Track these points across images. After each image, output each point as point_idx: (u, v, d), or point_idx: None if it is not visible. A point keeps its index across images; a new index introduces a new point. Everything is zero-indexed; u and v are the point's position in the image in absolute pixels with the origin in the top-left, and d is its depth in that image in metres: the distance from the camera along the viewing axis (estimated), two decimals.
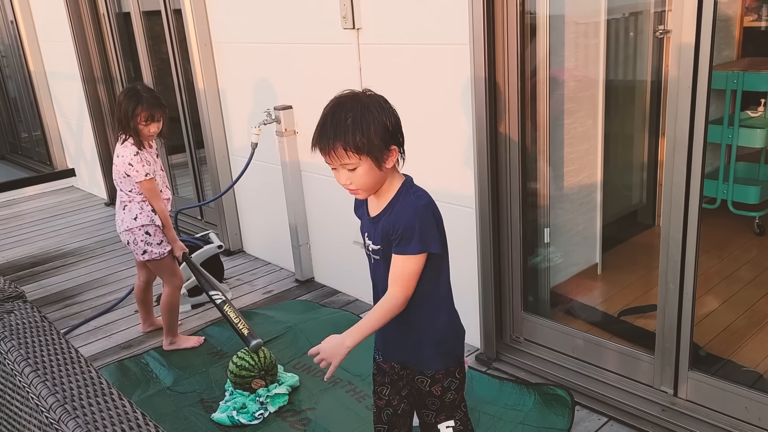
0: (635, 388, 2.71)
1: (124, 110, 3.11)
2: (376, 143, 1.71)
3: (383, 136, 1.73)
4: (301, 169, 3.96)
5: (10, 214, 6.17)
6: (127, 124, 3.11)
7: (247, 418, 2.80)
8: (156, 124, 3.16)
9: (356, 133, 1.70)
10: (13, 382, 1.62)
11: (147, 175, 3.14)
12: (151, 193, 3.17)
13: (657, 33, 3.76)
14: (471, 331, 3.21)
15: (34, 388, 1.47)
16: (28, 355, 1.60)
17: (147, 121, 3.11)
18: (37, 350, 1.64)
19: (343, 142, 1.71)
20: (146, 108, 3.10)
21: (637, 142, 4.04)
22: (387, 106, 1.78)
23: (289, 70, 3.79)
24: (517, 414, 2.69)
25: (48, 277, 4.58)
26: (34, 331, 1.73)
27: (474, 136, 2.88)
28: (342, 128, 1.71)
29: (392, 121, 1.77)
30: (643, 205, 4.16)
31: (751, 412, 2.40)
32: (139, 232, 3.20)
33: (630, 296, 3.40)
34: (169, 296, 3.35)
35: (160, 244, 3.24)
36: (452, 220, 3.14)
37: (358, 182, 1.78)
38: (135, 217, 3.19)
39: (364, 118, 1.71)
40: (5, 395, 1.70)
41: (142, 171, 3.13)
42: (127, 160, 3.12)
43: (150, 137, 3.19)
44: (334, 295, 3.98)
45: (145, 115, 3.10)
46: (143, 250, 3.22)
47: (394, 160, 1.79)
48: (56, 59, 6.42)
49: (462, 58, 2.83)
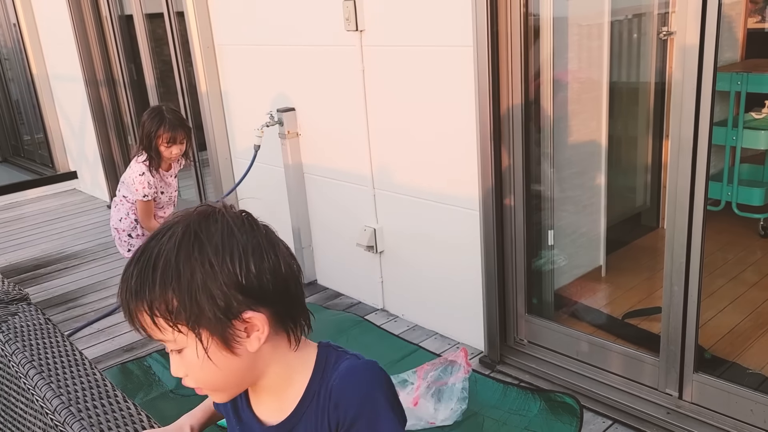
0: (640, 390, 2.70)
1: (147, 130, 3.10)
2: (207, 308, 0.96)
3: (227, 295, 0.97)
4: (304, 172, 3.96)
5: (13, 216, 6.17)
6: (149, 144, 3.11)
7: None
8: (178, 146, 3.14)
9: (168, 288, 0.96)
10: (18, 384, 1.61)
11: (145, 197, 3.14)
12: (142, 213, 3.17)
13: (660, 35, 3.76)
14: (475, 333, 3.21)
15: (39, 391, 1.47)
16: (32, 358, 1.59)
17: (169, 143, 3.11)
18: (42, 352, 1.63)
19: (147, 302, 0.98)
20: (168, 129, 3.08)
21: (641, 144, 4.03)
22: (248, 241, 1.01)
23: (292, 73, 3.79)
24: (521, 419, 2.68)
25: (50, 279, 4.58)
26: (38, 333, 1.73)
27: (477, 138, 2.87)
28: (150, 278, 0.97)
29: (257, 267, 0.99)
30: (647, 208, 4.15)
31: (756, 414, 2.39)
32: (122, 232, 3.26)
33: (634, 299, 3.39)
34: None
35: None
36: (456, 222, 3.15)
37: (195, 375, 1.04)
38: (120, 219, 3.25)
39: (188, 263, 0.96)
40: (10, 397, 1.70)
41: (141, 192, 3.13)
42: (133, 176, 3.14)
43: (171, 160, 3.18)
44: (337, 297, 3.97)
45: (166, 137, 3.09)
46: (127, 249, 3.28)
47: (261, 335, 1.01)
48: (59, 62, 6.42)
49: (465, 60, 2.82)
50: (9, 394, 1.71)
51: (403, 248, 3.50)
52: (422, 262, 3.41)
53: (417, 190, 3.30)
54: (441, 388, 2.76)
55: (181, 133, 3.12)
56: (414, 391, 2.75)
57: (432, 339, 3.40)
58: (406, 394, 2.76)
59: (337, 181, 3.76)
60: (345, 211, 3.77)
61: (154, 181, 3.16)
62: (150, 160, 3.13)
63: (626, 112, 3.91)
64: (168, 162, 3.20)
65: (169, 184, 3.28)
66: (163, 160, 3.17)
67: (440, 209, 3.20)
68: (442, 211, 3.20)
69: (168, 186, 3.27)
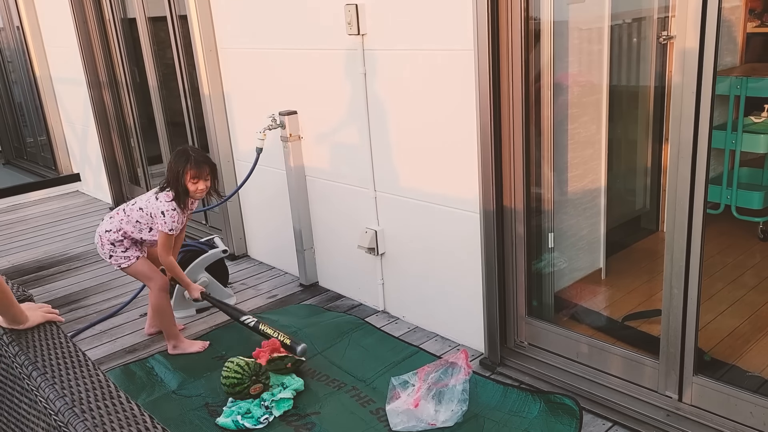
0: (640, 393, 2.71)
1: (174, 170, 3.22)
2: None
3: None
4: (306, 174, 3.97)
5: (16, 218, 6.19)
6: (176, 182, 3.21)
7: (252, 422, 2.81)
8: (204, 182, 3.23)
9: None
10: (22, 385, 1.63)
11: (171, 231, 3.24)
12: (164, 246, 3.26)
13: (660, 39, 3.77)
14: (475, 335, 3.22)
15: (42, 392, 1.49)
16: (36, 359, 1.61)
17: (195, 179, 3.20)
18: (45, 353, 1.65)
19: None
20: (194, 166, 3.18)
21: (640, 148, 4.05)
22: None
23: (294, 76, 3.81)
24: (522, 421, 2.69)
25: (53, 281, 4.59)
26: (41, 334, 1.75)
27: (478, 141, 2.89)
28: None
29: None
30: (646, 211, 4.16)
31: (756, 417, 2.40)
32: (106, 242, 3.33)
33: (634, 301, 3.40)
34: (154, 298, 3.43)
35: (127, 251, 3.34)
36: (456, 225, 3.17)
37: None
38: (107, 231, 3.32)
39: None
40: (14, 398, 1.71)
41: (169, 225, 3.23)
42: (163, 208, 3.22)
43: (198, 195, 3.26)
44: (338, 299, 3.99)
45: (192, 173, 3.18)
46: (109, 255, 3.35)
47: None
48: (62, 64, 6.45)
49: (466, 63, 2.84)
50: (12, 395, 1.72)
51: (404, 250, 3.52)
52: (423, 264, 3.42)
53: (418, 192, 3.31)
54: (442, 389, 2.78)
55: (205, 169, 3.23)
56: (415, 392, 2.77)
57: (433, 341, 3.41)
58: (407, 395, 2.77)
59: (339, 183, 3.77)
60: (346, 213, 3.79)
61: (181, 217, 3.28)
62: (177, 197, 3.23)
63: (626, 115, 3.93)
64: (194, 198, 3.31)
65: (185, 220, 3.38)
66: (191, 197, 3.28)
67: (441, 212, 3.22)
68: (442, 214, 3.22)
69: (183, 223, 3.38)
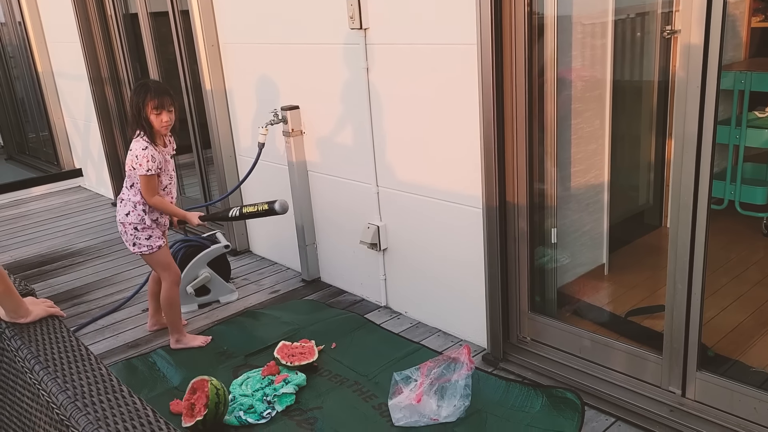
0: (643, 388, 2.71)
1: (134, 104, 3.13)
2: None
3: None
4: (308, 170, 3.97)
5: (18, 213, 6.19)
6: (139, 117, 3.13)
7: (254, 417, 2.81)
8: (167, 113, 3.14)
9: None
10: (24, 379, 1.63)
11: (148, 171, 3.14)
12: (146, 188, 3.17)
13: (664, 33, 3.76)
14: (477, 331, 3.22)
15: (44, 385, 1.48)
16: (38, 353, 1.61)
17: (157, 110, 3.11)
18: (47, 347, 1.65)
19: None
20: (154, 95, 3.10)
21: (644, 143, 4.03)
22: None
23: (296, 71, 3.80)
24: (524, 416, 2.69)
25: (55, 276, 4.60)
26: (44, 328, 1.74)
27: (481, 136, 2.88)
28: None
29: None
30: (649, 206, 4.15)
31: (759, 412, 2.39)
32: (129, 226, 3.26)
33: (637, 297, 3.39)
34: (166, 291, 3.38)
35: (149, 239, 3.27)
36: (459, 220, 3.16)
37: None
38: (127, 213, 3.25)
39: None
40: (16, 392, 1.71)
41: (145, 165, 3.13)
42: (135, 153, 3.14)
43: (163, 128, 3.16)
44: (340, 294, 3.98)
45: (154, 103, 3.10)
46: (132, 243, 3.28)
47: None
48: (64, 60, 6.44)
49: (469, 58, 2.83)
50: (15, 389, 1.72)
51: (406, 246, 3.51)
52: (425, 259, 3.42)
53: (420, 187, 3.30)
54: (444, 385, 2.77)
55: (167, 98, 3.14)
56: (417, 387, 2.76)
57: (435, 336, 3.41)
58: (409, 390, 2.77)
59: (341, 178, 3.76)
60: (349, 208, 3.78)
61: (157, 155, 3.16)
62: (147, 136, 3.14)
63: (629, 110, 3.91)
64: (161, 132, 3.19)
65: (167, 161, 3.27)
66: (156, 133, 3.17)
67: (444, 207, 3.21)
68: (445, 209, 3.21)
69: (167, 164, 3.26)
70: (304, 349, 3.21)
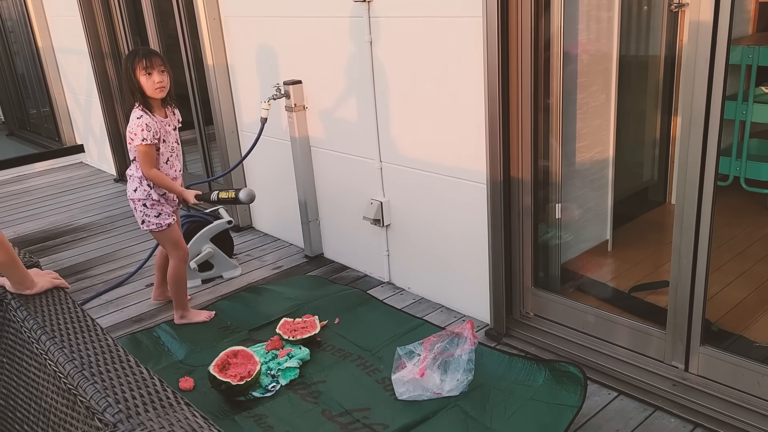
0: (646, 363, 2.72)
1: (125, 70, 3.08)
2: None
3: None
4: (311, 145, 3.95)
5: (20, 189, 6.19)
6: (132, 83, 3.07)
7: (260, 391, 2.82)
8: (158, 74, 3.06)
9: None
10: (30, 349, 1.63)
11: (144, 140, 3.08)
12: (143, 157, 3.10)
13: (672, 6, 3.71)
14: (481, 306, 3.22)
15: (51, 355, 1.49)
16: (44, 324, 1.61)
17: (147, 70, 3.04)
18: (53, 318, 1.65)
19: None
20: (143, 56, 3.04)
21: (649, 118, 4.01)
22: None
23: (299, 45, 3.76)
24: (527, 390, 2.70)
25: (59, 251, 4.60)
26: (49, 299, 1.74)
27: (486, 111, 2.86)
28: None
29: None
30: (654, 182, 4.14)
31: (762, 386, 2.40)
32: (138, 203, 3.24)
33: (640, 273, 3.40)
34: (173, 269, 3.37)
35: (158, 217, 3.25)
36: (463, 195, 3.15)
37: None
38: (135, 189, 3.23)
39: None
40: (23, 362, 1.72)
41: (140, 135, 3.07)
42: (130, 124, 3.10)
43: (156, 90, 3.07)
44: (343, 270, 3.99)
45: (142, 64, 3.03)
46: (142, 220, 3.27)
47: None
48: (64, 35, 6.39)
49: (475, 31, 2.79)
50: (22, 360, 1.72)
51: (409, 221, 3.50)
52: (429, 235, 3.41)
53: (424, 163, 3.29)
54: (447, 359, 2.78)
55: (157, 59, 3.07)
56: (420, 362, 2.77)
57: (438, 312, 3.42)
58: (412, 365, 2.78)
59: (344, 154, 3.75)
60: (352, 184, 3.77)
61: (153, 123, 3.09)
62: (143, 105, 3.09)
63: (635, 85, 3.88)
64: (154, 96, 3.09)
65: (168, 132, 3.20)
66: (151, 100, 3.10)
67: (447, 182, 3.20)
68: (449, 185, 3.19)
69: (167, 135, 3.19)
70: (305, 324, 3.23)
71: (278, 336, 3.16)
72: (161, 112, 3.18)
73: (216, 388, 2.77)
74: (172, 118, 3.27)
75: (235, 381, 2.72)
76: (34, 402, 1.63)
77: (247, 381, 2.73)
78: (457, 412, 2.61)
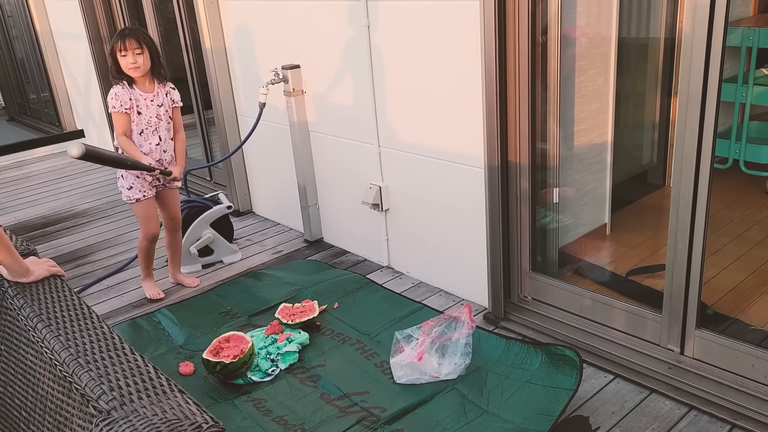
0: (642, 346, 2.73)
1: (111, 52, 3.23)
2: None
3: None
4: (310, 130, 3.94)
5: (20, 175, 6.20)
6: (114, 61, 3.20)
7: (259, 375, 2.85)
8: (132, 55, 3.16)
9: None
10: (27, 337, 1.65)
11: (113, 108, 3.22)
12: (117, 124, 3.24)
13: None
14: (479, 290, 3.24)
15: (47, 343, 1.50)
16: (40, 311, 1.62)
17: (122, 51, 3.16)
18: (50, 306, 1.66)
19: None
20: (119, 38, 3.17)
21: (648, 101, 3.99)
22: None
23: (297, 29, 3.75)
24: (523, 373, 2.72)
25: (59, 237, 4.62)
26: (46, 287, 1.76)
27: (483, 95, 2.85)
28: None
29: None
30: (653, 166, 4.13)
31: (757, 369, 2.41)
32: (118, 172, 3.38)
33: (638, 256, 3.40)
34: (139, 242, 3.56)
35: (130, 190, 3.36)
36: (461, 179, 3.15)
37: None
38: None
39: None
40: (20, 350, 1.73)
41: (111, 103, 3.23)
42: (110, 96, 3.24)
43: (130, 70, 3.19)
44: (343, 255, 4.00)
45: (118, 45, 3.16)
46: (120, 191, 3.41)
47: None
48: (62, 19, 6.36)
49: (472, 14, 2.78)
50: (19, 347, 1.74)
51: (408, 206, 3.51)
52: (427, 219, 3.42)
53: (422, 147, 3.29)
54: (445, 343, 2.80)
55: (132, 41, 3.16)
56: (419, 346, 2.79)
57: (437, 296, 3.43)
58: (410, 348, 2.80)
59: (343, 138, 3.74)
60: (350, 169, 3.77)
61: (123, 93, 3.21)
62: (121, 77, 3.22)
63: (634, 68, 3.86)
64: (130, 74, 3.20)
65: (147, 106, 3.27)
66: (126, 71, 3.20)
67: (446, 167, 3.20)
68: (447, 169, 3.19)
69: (147, 108, 3.26)
70: (304, 308, 3.25)
71: (278, 321, 3.18)
72: (145, 87, 3.27)
73: (211, 371, 2.79)
74: (160, 95, 3.31)
75: (229, 360, 2.75)
76: (32, 389, 1.65)
77: (241, 358, 2.76)
78: (454, 396, 2.63)
